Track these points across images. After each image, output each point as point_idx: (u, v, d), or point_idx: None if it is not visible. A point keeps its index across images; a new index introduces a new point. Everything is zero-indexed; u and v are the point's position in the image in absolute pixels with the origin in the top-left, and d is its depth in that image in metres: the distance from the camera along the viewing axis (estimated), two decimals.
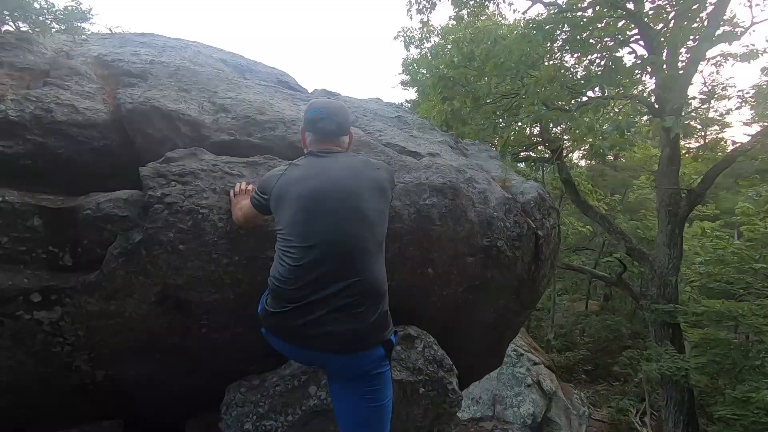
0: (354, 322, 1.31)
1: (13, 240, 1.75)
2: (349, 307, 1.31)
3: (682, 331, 7.99)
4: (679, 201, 7.57)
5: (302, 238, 1.36)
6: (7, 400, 1.90)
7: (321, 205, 1.40)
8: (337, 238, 1.35)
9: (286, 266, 1.37)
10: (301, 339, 1.35)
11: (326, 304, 1.30)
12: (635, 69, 5.96)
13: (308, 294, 1.31)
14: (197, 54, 2.97)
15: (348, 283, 1.32)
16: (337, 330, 1.30)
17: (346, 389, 1.41)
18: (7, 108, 1.87)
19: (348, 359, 1.34)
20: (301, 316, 1.31)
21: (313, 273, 1.32)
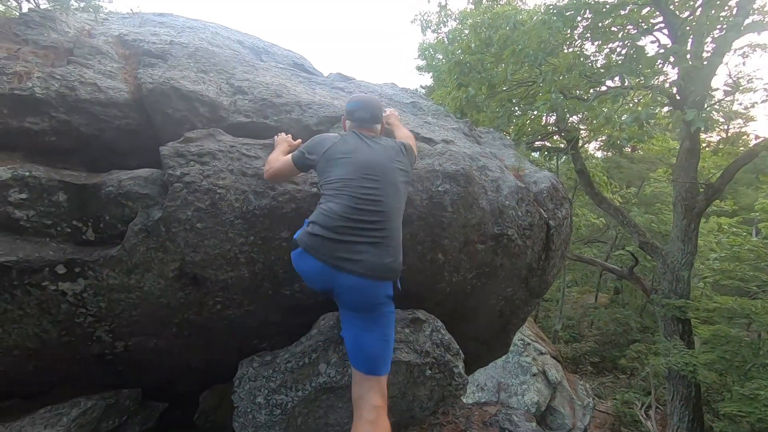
0: (379, 257, 1.63)
1: (40, 214, 1.82)
2: (378, 246, 1.65)
3: (692, 326, 7.93)
4: (696, 195, 7.42)
5: (352, 193, 1.70)
6: (33, 365, 2.00)
7: (367, 174, 1.76)
8: (378, 200, 1.71)
9: (336, 208, 1.67)
10: (334, 260, 1.60)
11: (362, 239, 1.63)
12: (658, 58, 5.78)
13: (350, 231, 1.63)
14: (215, 35, 2.99)
15: (381, 232, 1.67)
16: (366, 259, 1.61)
17: (358, 319, 1.65)
18: (34, 85, 1.93)
19: (367, 284, 1.61)
20: (340, 243, 1.61)
21: (356, 218, 1.65)
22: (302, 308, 2.22)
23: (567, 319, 14.49)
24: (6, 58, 2.00)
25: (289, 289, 2.13)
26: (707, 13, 5.96)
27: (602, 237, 15.05)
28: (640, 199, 14.13)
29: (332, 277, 1.61)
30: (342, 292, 1.63)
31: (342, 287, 1.62)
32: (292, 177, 2.01)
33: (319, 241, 1.63)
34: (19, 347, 1.92)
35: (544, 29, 6.04)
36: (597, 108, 5.77)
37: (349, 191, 1.70)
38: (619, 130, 4.90)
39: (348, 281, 1.60)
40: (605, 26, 6.35)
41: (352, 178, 1.73)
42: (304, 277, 1.73)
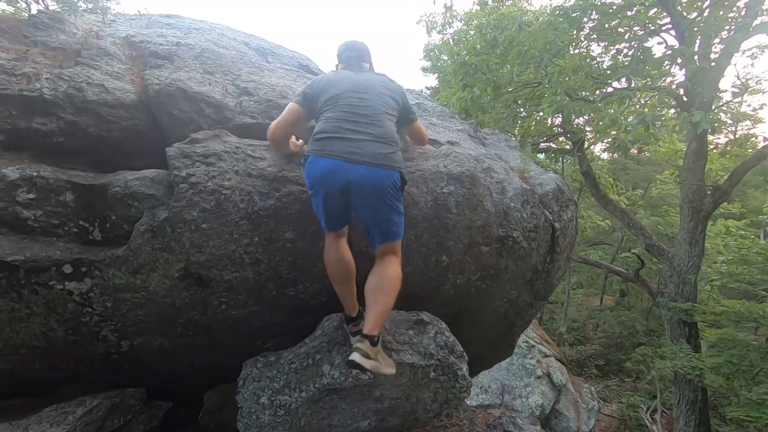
0: (383, 148, 1.83)
1: (47, 214, 1.84)
2: (380, 140, 1.85)
3: (698, 330, 7.86)
4: (703, 198, 7.36)
5: (345, 101, 1.92)
6: (40, 364, 2.02)
7: (355, 89, 1.98)
8: (368, 105, 1.93)
9: (336, 116, 1.88)
10: (346, 154, 1.77)
11: (365, 135, 1.83)
12: (665, 60, 5.74)
13: (349, 131, 1.83)
14: (221, 36, 3.00)
15: (375, 129, 1.87)
16: (372, 151, 1.80)
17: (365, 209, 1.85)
18: (42, 86, 1.95)
19: (377, 172, 1.78)
20: (344, 140, 1.81)
21: (352, 120, 1.87)
22: (306, 309, 2.23)
23: (572, 322, 14.41)
24: (15, 60, 2.02)
25: (294, 289, 2.13)
26: (715, 13, 5.92)
27: (608, 239, 14.96)
28: (646, 201, 14.04)
29: (344, 169, 1.76)
30: (352, 183, 1.77)
31: (355, 177, 1.77)
32: (296, 124, 2.09)
33: (325, 141, 1.82)
34: (26, 346, 1.94)
35: (550, 30, 6.03)
36: (603, 110, 5.74)
37: (342, 101, 1.93)
38: (625, 132, 4.87)
39: (359, 170, 1.77)
40: (612, 27, 6.32)
41: (342, 93, 1.95)
42: (320, 180, 1.80)
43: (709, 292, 9.43)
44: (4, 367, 1.98)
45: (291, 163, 2.11)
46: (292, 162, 2.12)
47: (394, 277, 1.85)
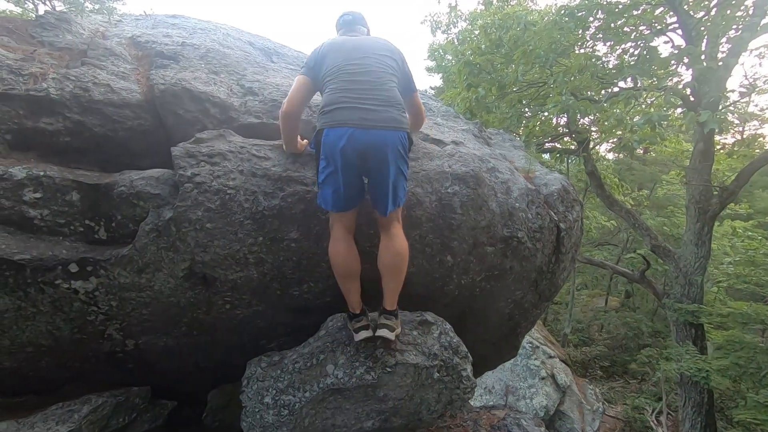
0: (390, 111, 1.89)
1: (54, 213, 1.85)
2: (385, 104, 1.90)
3: (705, 332, 7.79)
4: (710, 198, 7.29)
5: (346, 70, 1.95)
6: (46, 362, 2.03)
7: (357, 57, 1.99)
8: (367, 70, 1.96)
9: (340, 86, 1.91)
10: (358, 120, 1.82)
11: (371, 101, 1.88)
12: (671, 59, 5.69)
13: (356, 98, 1.87)
14: (226, 36, 3.01)
15: (381, 93, 1.92)
16: (381, 115, 1.86)
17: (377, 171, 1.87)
18: (49, 86, 1.96)
19: (389, 134, 1.85)
20: (355, 109, 1.85)
21: (359, 88, 1.90)
22: (310, 309, 2.23)
23: (577, 323, 14.34)
24: (22, 60, 2.03)
25: (298, 289, 2.14)
26: (722, 13, 5.86)
27: (613, 240, 14.86)
28: (652, 201, 13.94)
29: (359, 136, 1.80)
30: (367, 149, 1.82)
31: (369, 142, 1.81)
32: (306, 95, 2.09)
33: (335, 112, 1.85)
34: (32, 344, 1.95)
35: (555, 30, 6.00)
36: (609, 110, 5.70)
37: (344, 70, 1.95)
38: (631, 132, 4.83)
39: (372, 135, 1.82)
40: (618, 27, 6.27)
41: (343, 62, 1.97)
42: (337, 150, 1.81)
43: (715, 294, 9.34)
44: (11, 365, 1.99)
45: (296, 163, 2.11)
46: (297, 162, 2.12)
47: (404, 252, 1.96)
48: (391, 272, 1.96)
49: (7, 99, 1.89)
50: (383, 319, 1.95)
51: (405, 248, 1.97)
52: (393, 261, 1.95)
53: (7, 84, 1.89)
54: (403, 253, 1.96)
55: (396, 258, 1.95)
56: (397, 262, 1.95)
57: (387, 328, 1.92)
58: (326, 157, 1.85)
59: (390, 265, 1.95)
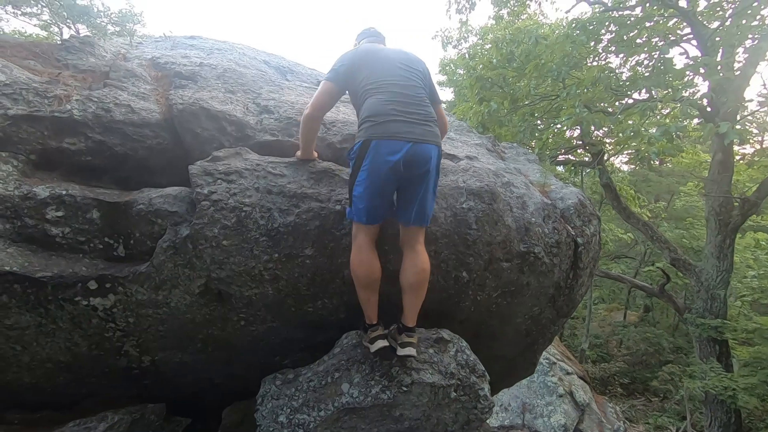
0: (430, 127, 1.97)
1: (75, 231, 1.88)
2: (426, 120, 1.97)
3: (729, 348, 7.53)
4: (731, 210, 7.12)
5: (391, 85, 1.99)
6: (64, 377, 2.05)
7: (397, 71, 2.05)
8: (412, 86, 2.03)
9: (387, 98, 1.94)
10: (405, 134, 1.87)
11: (415, 116, 1.94)
12: (687, 70, 5.64)
13: (403, 112, 1.92)
14: (242, 56, 3.08)
15: (422, 109, 1.99)
16: (427, 130, 1.94)
17: (420, 186, 1.93)
18: (72, 108, 2.02)
19: (431, 149, 1.92)
20: (403, 122, 1.89)
21: (404, 101, 1.95)
22: (325, 325, 2.21)
23: (594, 338, 13.99)
24: (48, 82, 2.10)
25: (312, 306, 2.13)
26: (737, 23, 5.81)
27: (630, 252, 14.59)
28: (669, 213, 13.67)
29: (407, 149, 1.85)
30: (413, 162, 1.87)
31: (414, 157, 1.87)
32: (331, 101, 2.12)
33: (386, 125, 1.88)
34: (51, 360, 1.97)
35: (567, 43, 6.00)
36: (624, 121, 5.65)
37: (387, 82, 1.99)
38: (648, 144, 4.76)
39: (418, 149, 1.88)
40: (630, 38, 6.25)
41: (383, 73, 2.02)
42: (384, 162, 1.84)
43: (739, 308, 9.04)
44: (30, 381, 2.01)
45: (311, 180, 2.12)
46: (312, 178, 2.13)
47: (428, 269, 1.99)
48: (416, 289, 1.96)
49: (33, 120, 1.95)
50: (405, 337, 1.95)
51: (429, 265, 1.99)
52: (419, 278, 1.95)
53: (33, 106, 1.96)
54: (427, 269, 1.98)
55: (422, 275, 1.96)
56: (422, 280, 1.96)
57: (411, 346, 1.92)
58: (370, 168, 1.85)
59: (415, 283, 1.95)
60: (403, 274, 1.97)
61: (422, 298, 1.99)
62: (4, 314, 1.79)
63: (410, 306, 1.98)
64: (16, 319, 1.81)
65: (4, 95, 1.93)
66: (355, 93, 2.08)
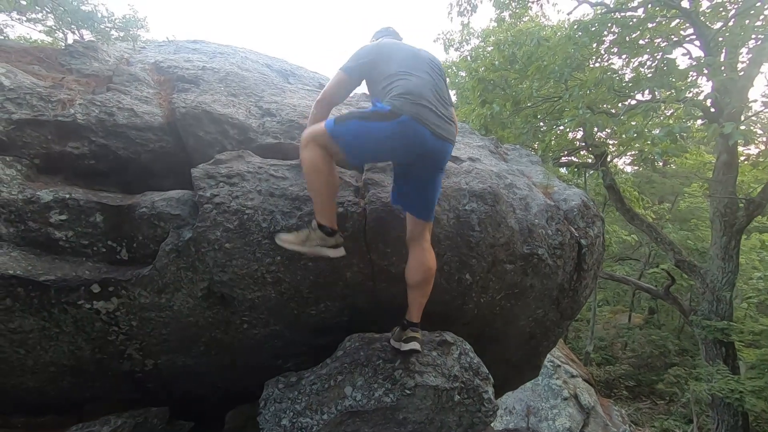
0: (452, 128, 1.95)
1: (78, 234, 1.89)
2: (450, 120, 1.94)
3: (736, 350, 7.46)
4: (736, 211, 7.07)
5: (425, 75, 1.94)
6: (68, 381, 2.05)
7: (423, 65, 1.99)
8: (438, 85, 1.96)
9: (419, 83, 1.87)
10: (434, 127, 1.81)
11: (443, 112, 1.89)
12: (690, 71, 5.62)
13: (434, 106, 1.85)
14: (244, 60, 3.09)
15: (447, 109, 1.95)
16: (449, 129, 1.90)
17: (426, 180, 1.94)
18: (76, 112, 2.03)
19: (448, 147, 1.91)
20: (435, 114, 1.84)
21: (435, 96, 1.89)
22: (327, 328, 2.21)
23: (599, 340, 13.91)
24: (52, 87, 2.11)
25: (315, 309, 2.12)
26: (741, 23, 5.79)
27: (634, 254, 14.49)
28: (674, 215, 13.59)
29: (432, 146, 1.82)
30: (430, 155, 1.86)
31: (433, 150, 1.84)
32: (344, 91, 2.10)
33: (420, 108, 1.79)
34: (55, 364, 1.97)
35: (569, 44, 6.00)
36: (627, 122, 5.63)
37: (421, 75, 1.92)
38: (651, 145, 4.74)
39: (439, 145, 1.85)
40: (633, 40, 6.24)
41: (415, 69, 1.94)
42: (402, 147, 1.81)
43: (745, 310, 8.97)
44: (34, 385, 2.01)
45: None
46: None
47: (435, 266, 2.00)
48: (422, 287, 1.98)
49: (37, 125, 1.96)
50: (410, 331, 1.98)
51: (435, 263, 2.01)
52: (425, 275, 1.97)
53: (37, 110, 1.97)
54: (434, 267, 1.99)
55: (428, 272, 1.97)
56: (428, 277, 1.98)
57: (416, 341, 1.95)
58: (390, 134, 1.76)
59: (422, 280, 1.97)
60: (410, 271, 1.98)
61: (427, 295, 2.01)
62: (7, 318, 1.79)
63: (415, 303, 2.00)
64: (20, 322, 1.82)
65: (8, 100, 1.94)
66: (377, 81, 1.99)
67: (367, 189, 2.19)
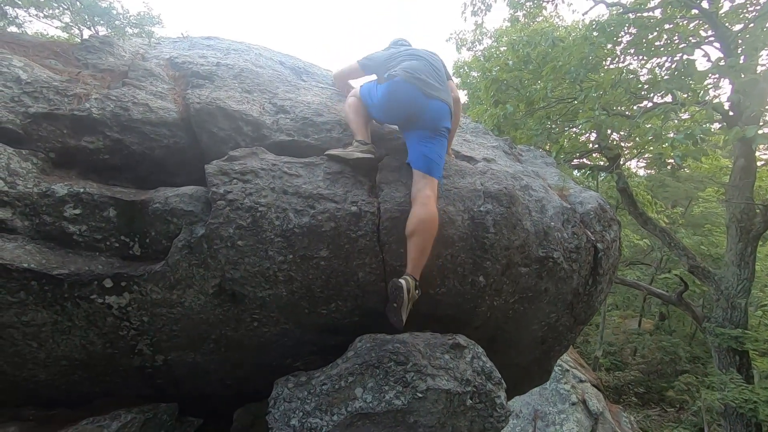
0: (443, 89, 2.33)
1: (91, 229, 1.89)
2: (440, 86, 2.31)
3: (750, 359, 7.31)
4: (753, 217, 6.93)
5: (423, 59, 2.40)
6: (79, 375, 2.05)
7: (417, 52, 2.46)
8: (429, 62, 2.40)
9: (417, 64, 2.31)
10: (427, 88, 2.21)
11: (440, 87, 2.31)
12: (709, 73, 5.50)
13: (429, 78, 2.28)
14: (258, 56, 3.08)
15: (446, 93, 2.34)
16: (438, 89, 2.27)
17: (426, 137, 2.22)
18: (91, 106, 2.03)
19: (437, 104, 2.22)
20: (428, 84, 2.23)
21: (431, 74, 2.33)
22: (338, 328, 2.18)
23: (608, 346, 13.74)
24: (68, 81, 2.11)
25: (326, 308, 2.10)
26: (761, 25, 5.65)
27: (646, 259, 14.28)
28: (687, 219, 13.38)
29: (422, 103, 2.18)
30: (426, 114, 2.19)
31: (428, 110, 2.19)
32: (352, 75, 2.85)
33: (415, 78, 2.20)
34: (66, 357, 1.97)
35: (585, 45, 5.91)
36: (642, 125, 5.53)
37: (419, 58, 2.39)
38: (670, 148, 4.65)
39: (434, 105, 2.20)
40: (649, 41, 6.13)
41: (416, 56, 2.40)
42: (396, 101, 2.21)
43: (760, 318, 8.80)
44: (46, 378, 2.02)
45: (326, 180, 2.10)
46: (328, 179, 2.11)
47: (426, 221, 2.00)
48: (411, 237, 2.00)
49: (52, 119, 1.96)
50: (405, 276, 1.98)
51: (429, 216, 2.01)
52: (415, 227, 1.99)
53: (53, 104, 1.97)
54: (427, 220, 1.99)
55: (419, 224, 1.99)
56: (418, 229, 1.98)
57: (407, 283, 1.91)
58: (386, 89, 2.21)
59: (411, 231, 2.00)
60: (407, 223, 2.04)
61: (420, 249, 1.99)
62: (21, 311, 1.80)
63: (410, 257, 2.01)
64: (33, 315, 1.82)
65: (25, 93, 1.95)
66: (382, 72, 2.39)
67: (380, 189, 2.17)
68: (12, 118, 1.90)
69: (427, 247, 2.00)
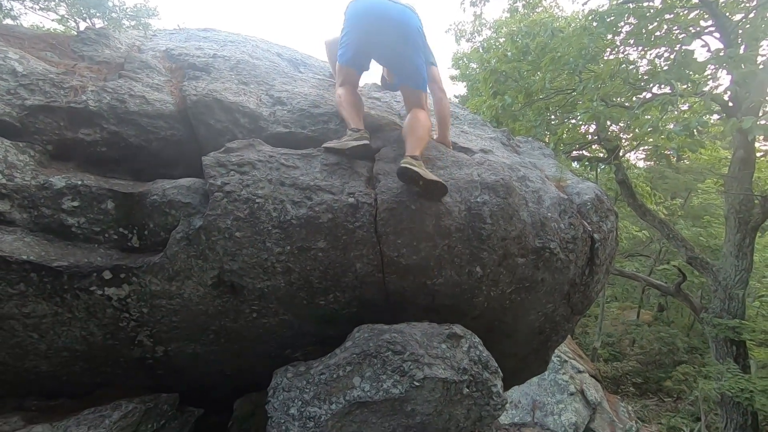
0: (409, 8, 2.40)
1: (90, 221, 1.90)
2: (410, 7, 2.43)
3: (747, 349, 7.36)
4: (751, 208, 6.93)
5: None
6: (80, 366, 2.07)
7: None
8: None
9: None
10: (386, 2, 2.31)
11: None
12: (708, 63, 5.47)
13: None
14: (255, 48, 3.06)
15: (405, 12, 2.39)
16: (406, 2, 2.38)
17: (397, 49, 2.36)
18: (88, 98, 2.03)
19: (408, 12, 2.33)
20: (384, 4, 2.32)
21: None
22: (336, 319, 2.20)
23: (607, 336, 13.83)
24: (64, 74, 2.11)
25: (324, 299, 2.12)
26: (762, 15, 5.62)
27: (644, 250, 14.31)
28: (686, 211, 13.38)
29: (382, 6, 2.28)
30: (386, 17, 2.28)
31: (385, 11, 2.28)
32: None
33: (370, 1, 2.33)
34: (67, 349, 1.99)
35: (584, 35, 5.87)
36: (641, 116, 5.52)
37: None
38: (667, 139, 4.64)
39: (393, 9, 2.28)
40: (649, 31, 6.08)
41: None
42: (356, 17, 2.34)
43: (758, 309, 8.84)
44: (47, 369, 2.04)
45: (323, 172, 2.10)
46: (325, 171, 2.11)
47: (422, 120, 2.31)
48: (406, 131, 2.28)
49: (49, 111, 1.96)
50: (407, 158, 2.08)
51: (422, 119, 2.31)
52: (408, 124, 2.30)
53: (49, 97, 1.97)
54: (420, 118, 2.31)
55: (412, 122, 2.30)
56: (411, 125, 2.29)
57: (406, 162, 2.04)
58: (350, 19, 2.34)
59: (405, 128, 2.31)
60: (403, 127, 2.36)
61: (418, 137, 2.22)
62: (21, 303, 1.81)
63: (408, 143, 2.21)
64: (33, 307, 1.84)
65: (21, 86, 1.95)
66: None
67: (378, 180, 2.17)
68: (8, 110, 1.90)
69: (424, 137, 2.26)
